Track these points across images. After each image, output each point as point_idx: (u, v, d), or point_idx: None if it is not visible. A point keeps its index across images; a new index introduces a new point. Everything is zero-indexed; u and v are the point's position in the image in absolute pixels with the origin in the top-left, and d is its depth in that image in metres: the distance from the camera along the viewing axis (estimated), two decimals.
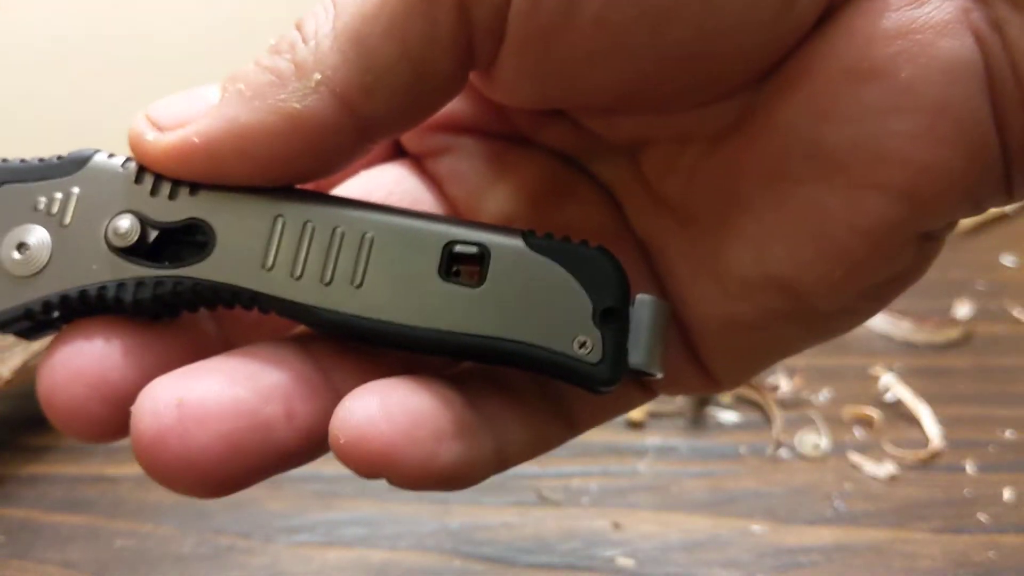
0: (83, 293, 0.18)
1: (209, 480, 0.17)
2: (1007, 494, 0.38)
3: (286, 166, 0.18)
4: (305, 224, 0.19)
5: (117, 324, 0.18)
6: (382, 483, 0.42)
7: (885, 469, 0.40)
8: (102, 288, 0.18)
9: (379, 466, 0.17)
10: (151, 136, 0.18)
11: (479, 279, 0.19)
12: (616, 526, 0.37)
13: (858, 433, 0.42)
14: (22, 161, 0.19)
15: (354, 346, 0.19)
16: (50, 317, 0.19)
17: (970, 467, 0.40)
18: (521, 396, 0.20)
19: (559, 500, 0.38)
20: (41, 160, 0.19)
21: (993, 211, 0.58)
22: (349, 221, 0.19)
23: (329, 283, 0.18)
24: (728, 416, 0.43)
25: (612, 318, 0.18)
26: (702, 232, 0.20)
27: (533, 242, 0.19)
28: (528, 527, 0.37)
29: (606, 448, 0.41)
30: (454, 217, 0.20)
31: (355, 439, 0.17)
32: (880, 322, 0.48)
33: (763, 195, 0.19)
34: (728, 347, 0.21)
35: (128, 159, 0.19)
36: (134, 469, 0.40)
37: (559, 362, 0.18)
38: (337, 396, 0.18)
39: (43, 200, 0.19)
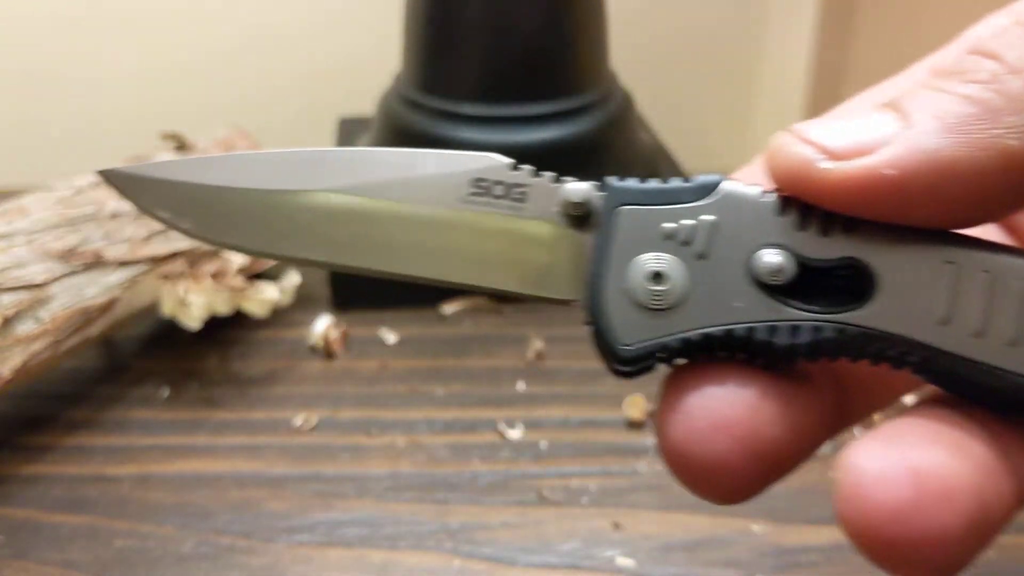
0: (729, 333, 0.17)
1: (935, 560, 0.15)
2: None
3: (974, 207, 0.16)
4: (983, 274, 0.16)
5: (751, 372, 0.17)
6: (382, 483, 0.42)
7: None
8: (751, 329, 0.17)
9: None
10: (826, 165, 0.16)
11: None
12: (616, 526, 0.37)
13: (859, 432, 0.42)
14: (641, 181, 0.18)
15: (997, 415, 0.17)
16: (681, 356, 0.17)
17: None
18: None
19: (559, 500, 0.38)
20: (663, 182, 0.18)
21: None
22: None
23: (1017, 344, 0.16)
24: None
25: None
26: None
27: None
28: (528, 527, 0.37)
29: (606, 448, 0.41)
30: None
31: None
32: None
33: None
34: None
35: (762, 189, 0.17)
36: (134, 469, 0.40)
37: None
38: (1017, 473, 0.16)
39: (671, 226, 0.17)
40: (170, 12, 0.72)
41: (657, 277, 0.17)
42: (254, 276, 0.46)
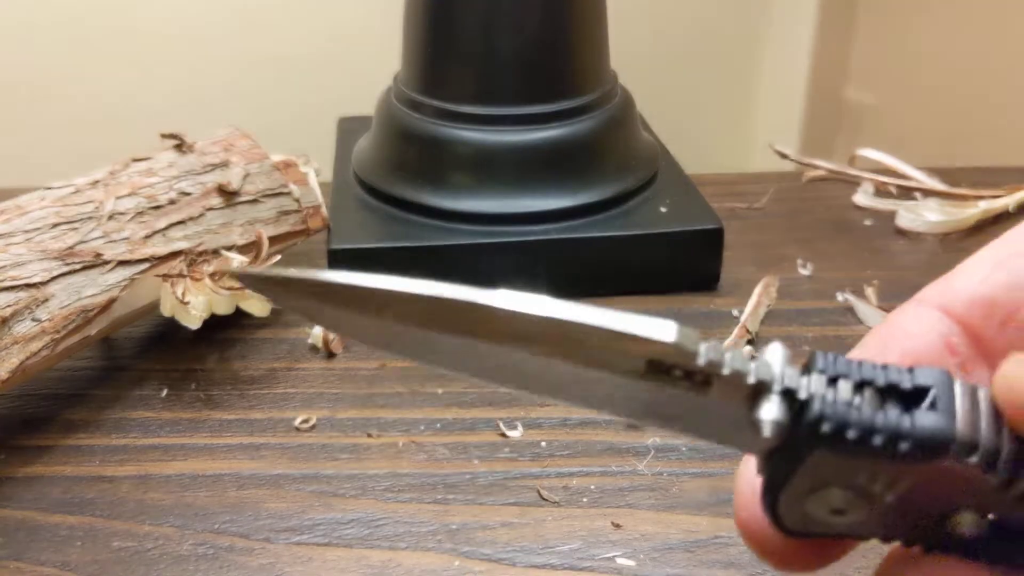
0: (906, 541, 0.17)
1: None
2: None
3: None
4: None
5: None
6: (382, 483, 0.42)
7: None
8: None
9: None
10: None
11: None
12: (616, 526, 0.37)
13: None
14: (849, 411, 0.16)
15: None
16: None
17: None
18: None
19: (559, 500, 0.38)
20: (879, 423, 0.16)
21: (992, 209, 0.58)
22: None
23: None
24: None
25: None
26: None
27: None
28: (528, 527, 0.37)
29: (606, 448, 0.41)
30: None
31: None
32: (880, 321, 0.48)
33: None
34: None
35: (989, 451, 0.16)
36: (133, 469, 0.40)
37: None
38: None
39: (865, 480, 0.16)
40: (170, 13, 0.72)
41: (836, 512, 0.17)
42: None
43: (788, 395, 0.16)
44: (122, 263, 0.43)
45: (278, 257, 0.48)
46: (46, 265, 0.40)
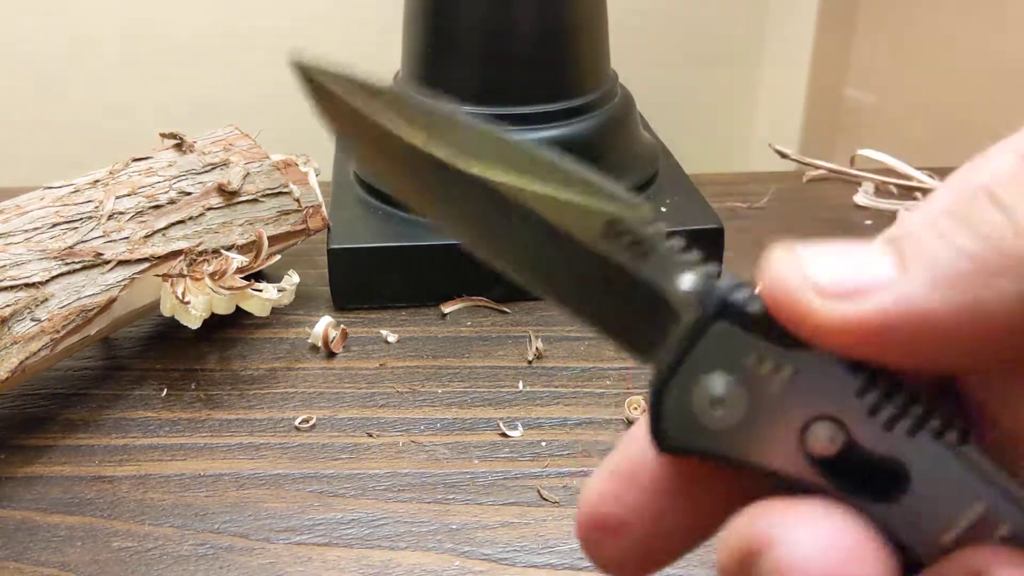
0: (767, 474, 0.17)
1: None
2: None
3: (949, 363, 0.16)
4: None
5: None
6: (382, 483, 0.42)
7: None
8: (782, 482, 0.17)
9: None
10: (815, 303, 0.16)
11: None
12: None
13: None
14: (760, 310, 0.17)
15: None
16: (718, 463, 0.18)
17: None
18: None
19: (559, 500, 0.38)
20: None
21: None
22: None
23: None
24: None
25: None
26: None
27: None
28: (528, 527, 0.37)
29: (606, 448, 0.41)
30: None
31: None
32: None
33: None
34: None
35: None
36: (133, 469, 0.40)
37: None
38: None
39: (753, 362, 0.17)
40: (169, 13, 0.72)
41: (717, 402, 0.17)
42: (254, 276, 0.46)
43: (709, 277, 0.18)
44: (122, 263, 0.43)
45: (278, 257, 0.48)
46: (45, 265, 0.40)
